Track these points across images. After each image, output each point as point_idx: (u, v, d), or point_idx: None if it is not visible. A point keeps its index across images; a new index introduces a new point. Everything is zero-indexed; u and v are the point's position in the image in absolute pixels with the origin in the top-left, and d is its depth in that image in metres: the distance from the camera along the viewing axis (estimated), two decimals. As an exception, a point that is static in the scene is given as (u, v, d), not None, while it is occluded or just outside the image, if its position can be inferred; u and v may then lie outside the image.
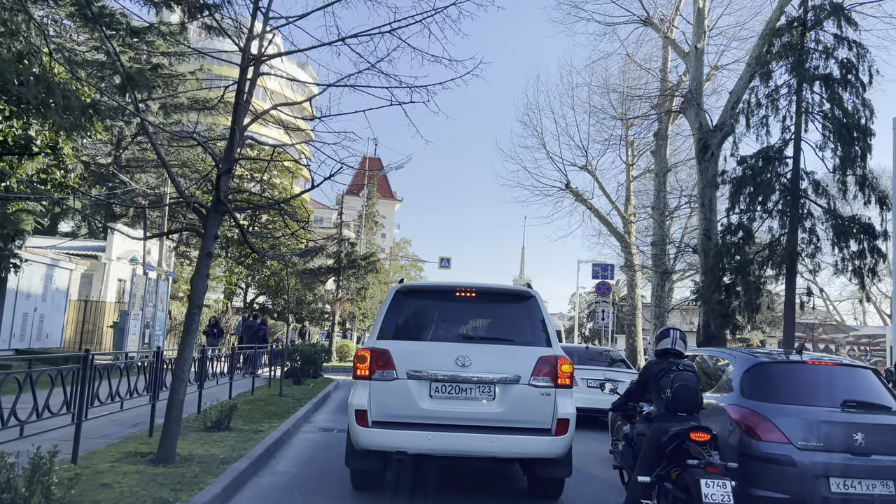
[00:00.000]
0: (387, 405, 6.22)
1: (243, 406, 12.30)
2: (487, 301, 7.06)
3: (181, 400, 6.87)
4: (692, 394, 5.38)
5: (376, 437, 6.17)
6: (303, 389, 16.26)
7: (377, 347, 6.39)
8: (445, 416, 6.17)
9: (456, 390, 6.23)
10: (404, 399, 6.21)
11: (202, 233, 7.14)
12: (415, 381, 6.23)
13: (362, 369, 6.33)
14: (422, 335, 6.75)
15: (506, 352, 6.46)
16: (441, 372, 6.22)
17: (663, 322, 25.78)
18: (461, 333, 6.87)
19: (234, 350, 12.80)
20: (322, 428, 11.14)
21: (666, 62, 25.37)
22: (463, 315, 7.07)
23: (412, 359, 6.30)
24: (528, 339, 6.58)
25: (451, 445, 6.14)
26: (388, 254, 70.61)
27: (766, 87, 17.54)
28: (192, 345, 6.95)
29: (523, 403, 6.19)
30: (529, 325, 6.70)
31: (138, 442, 7.96)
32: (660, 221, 25.46)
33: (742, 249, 17.25)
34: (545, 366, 6.26)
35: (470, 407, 6.21)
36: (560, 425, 6.17)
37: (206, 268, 7.07)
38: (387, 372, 6.27)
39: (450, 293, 7.03)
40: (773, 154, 16.66)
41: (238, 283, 40.24)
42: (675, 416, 5.34)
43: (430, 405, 6.19)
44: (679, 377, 5.43)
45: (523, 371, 6.25)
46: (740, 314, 17.95)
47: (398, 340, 6.53)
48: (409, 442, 6.14)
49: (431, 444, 6.11)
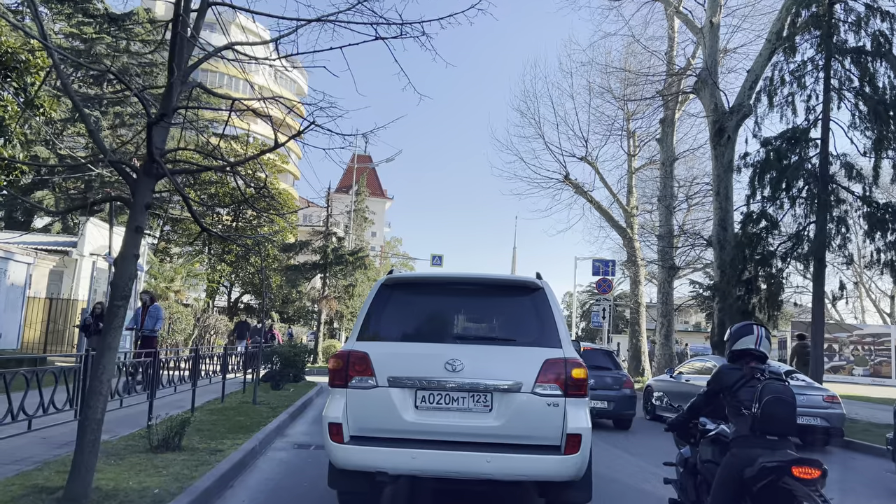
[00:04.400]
0: (365, 418, 5.26)
1: (207, 417, 10.63)
2: (486, 295, 6.02)
3: (98, 420, 5.22)
4: (788, 411, 4.04)
5: (353, 455, 5.16)
6: (280, 395, 14.59)
7: (355, 350, 5.40)
8: (433, 431, 5.16)
9: (445, 400, 5.22)
10: (385, 410, 5.22)
11: (131, 202, 5.49)
12: (397, 390, 5.24)
13: (337, 376, 5.37)
14: (407, 335, 5.65)
15: (505, 354, 5.42)
16: (428, 378, 5.20)
17: (670, 321, 24.30)
18: (453, 333, 5.89)
19: (197, 351, 11.10)
20: (297, 444, 9.48)
21: (673, 44, 23.88)
22: (457, 311, 6.10)
23: (394, 363, 5.30)
24: (534, 339, 5.47)
25: (439, 465, 5.07)
26: (379, 252, 68.96)
27: (791, 62, 16.04)
28: (115, 347, 5.31)
29: (525, 415, 5.14)
30: (536, 321, 5.59)
31: (55, 469, 6.28)
32: (666, 213, 23.93)
33: (765, 240, 15.74)
34: (553, 370, 5.19)
35: (462, 420, 5.19)
36: (570, 442, 5.04)
37: (135, 247, 5.42)
38: (365, 379, 5.29)
39: (443, 286, 6.09)
40: (800, 135, 15.14)
41: (221, 282, 38.48)
42: (762, 439, 4.03)
43: (414, 417, 5.20)
44: (769, 388, 4.08)
45: (525, 377, 5.19)
46: (760, 311, 16.44)
47: (380, 342, 5.53)
48: (391, 461, 5.10)
49: (416, 463, 5.05)
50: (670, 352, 23.80)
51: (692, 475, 4.94)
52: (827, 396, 11.72)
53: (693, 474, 4.94)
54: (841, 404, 11.79)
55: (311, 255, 31.43)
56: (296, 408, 12.66)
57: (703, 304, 45.35)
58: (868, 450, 11.64)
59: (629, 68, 24.60)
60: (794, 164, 15.02)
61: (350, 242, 39.02)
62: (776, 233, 15.65)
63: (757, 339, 4.46)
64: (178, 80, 5.63)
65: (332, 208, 33.72)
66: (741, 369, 4.38)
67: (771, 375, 4.26)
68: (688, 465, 5.04)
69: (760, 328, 4.54)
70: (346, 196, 51.85)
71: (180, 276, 31.07)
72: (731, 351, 4.55)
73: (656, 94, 22.66)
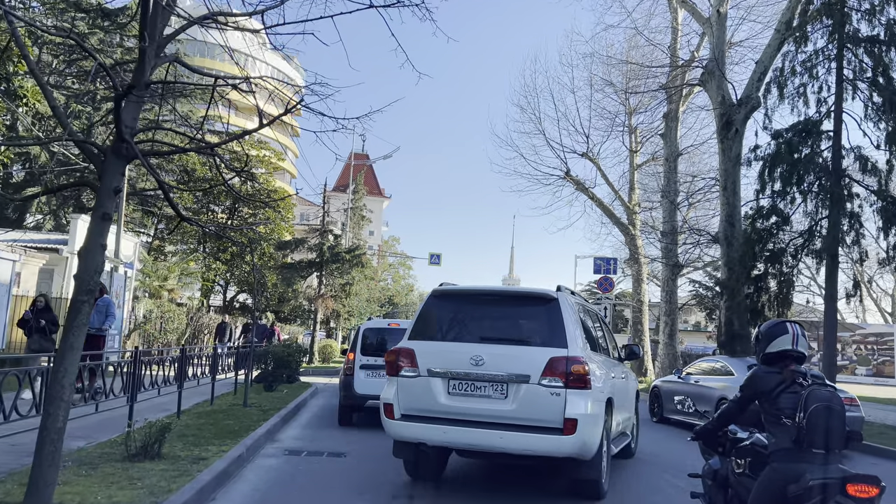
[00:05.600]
0: (410, 400, 6.72)
1: (193, 421, 10.07)
2: (509, 304, 7.35)
3: (59, 428, 4.65)
4: (837, 421, 3.62)
5: (401, 429, 6.72)
6: (273, 397, 14.03)
7: (404, 347, 6.94)
8: (460, 412, 6.49)
9: (471, 388, 6.54)
10: (425, 395, 6.65)
11: (97, 186, 4.93)
12: (434, 379, 6.65)
13: (391, 367, 6.90)
14: (444, 335, 7.05)
15: (519, 352, 6.60)
16: (456, 370, 6.57)
17: (674, 320, 23.78)
18: (479, 334, 6.93)
19: (183, 351, 10.52)
20: (288, 450, 8.92)
21: (676, 36, 23.34)
22: (484, 317, 7.18)
23: (433, 357, 6.73)
24: (543, 341, 6.61)
25: (465, 439, 6.48)
26: (377, 251, 68.36)
27: (802, 52, 15.50)
28: (78, 347, 4.74)
29: (533, 402, 6.30)
30: (547, 326, 6.71)
31: (19, 482, 5.70)
32: (670, 210, 23.39)
33: (775, 236, 15.21)
34: (556, 366, 6.30)
35: (483, 404, 6.47)
36: (568, 425, 6.14)
37: (101, 236, 4.86)
38: (411, 369, 6.76)
39: (476, 296, 7.45)
40: (811, 127, 14.61)
41: (216, 280, 37.87)
42: (808, 453, 3.60)
43: (447, 401, 6.57)
44: (816, 395, 3.65)
45: (533, 371, 6.35)
46: (770, 309, 15.91)
47: (423, 340, 6.96)
48: (427, 434, 6.58)
49: (446, 437, 6.51)
50: (674, 351, 23.28)
51: (723, 489, 4.49)
52: (845, 398, 11.18)
53: (724, 488, 4.48)
54: (860, 407, 11.28)
55: (307, 252, 30.85)
56: (288, 410, 12.10)
57: (704, 303, 44.86)
58: (886, 454, 11.14)
59: (632, 61, 24.04)
60: (806, 157, 14.49)
61: (347, 240, 38.45)
62: (787, 228, 15.12)
63: (794, 338, 4.02)
64: (151, 50, 5.07)
65: (328, 206, 33.14)
66: (780, 373, 3.93)
67: (814, 380, 3.82)
68: (717, 477, 4.56)
69: (795, 325, 4.11)
70: (344, 195, 51.28)
71: (174, 275, 30.47)
72: (766, 354, 4.10)
73: (660, 88, 22.11)
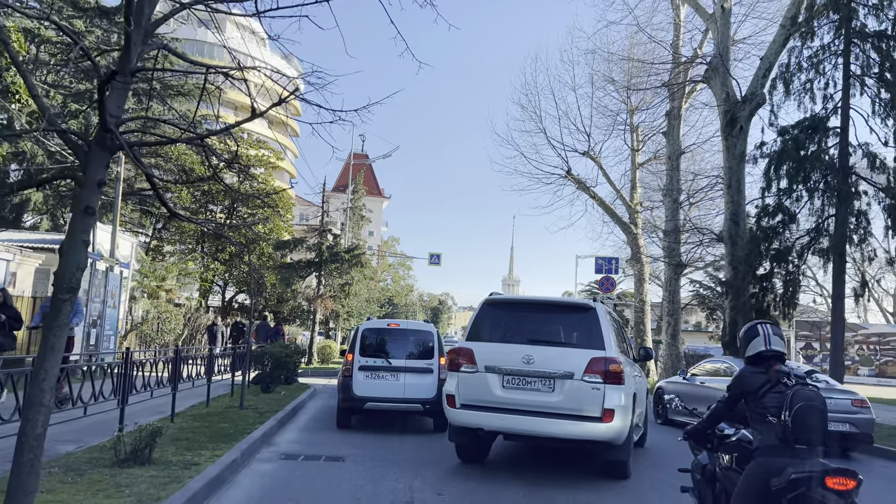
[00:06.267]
0: (469, 392, 7.81)
1: (188, 424, 9.81)
2: (554, 311, 8.58)
3: (39, 435, 4.39)
4: (820, 419, 3.85)
5: (462, 417, 7.86)
6: (271, 399, 13.76)
7: (463, 347, 8.05)
8: (514, 403, 7.56)
9: (522, 382, 7.59)
10: (482, 388, 7.73)
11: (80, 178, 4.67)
12: (491, 374, 7.70)
13: (452, 364, 8.02)
14: (498, 337, 8.10)
15: (564, 353, 7.70)
16: (510, 367, 7.61)
17: (676, 320, 23.52)
18: (528, 337, 7.94)
19: (177, 352, 10.23)
20: (284, 454, 8.66)
21: (679, 33, 23.07)
22: (533, 322, 8.24)
23: (489, 356, 7.77)
24: (585, 343, 7.73)
25: (518, 426, 7.58)
26: (377, 251, 68.10)
27: (808, 48, 15.24)
28: (59, 349, 4.49)
29: (577, 395, 7.33)
30: (587, 331, 7.83)
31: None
32: (673, 209, 23.12)
33: (781, 235, 14.96)
34: (596, 365, 7.37)
35: (533, 396, 7.52)
36: (607, 414, 7.25)
37: (84, 231, 4.61)
38: (470, 366, 7.84)
39: (524, 305, 8.85)
40: (818, 123, 14.35)
41: (215, 281, 37.56)
42: (790, 448, 3.84)
43: (501, 393, 7.65)
44: (800, 395, 3.87)
45: (577, 368, 7.41)
46: (775, 309, 15.66)
47: (480, 342, 8.02)
48: (485, 421, 7.69)
49: (502, 423, 7.63)
50: (677, 352, 23.01)
51: (711, 483, 4.68)
52: (855, 400, 10.93)
53: (712, 482, 4.67)
54: (870, 408, 11.01)
55: (305, 252, 30.55)
56: (286, 413, 11.83)
57: (705, 303, 44.58)
58: (897, 456, 10.89)
59: (634, 58, 23.78)
60: (813, 154, 14.24)
61: (346, 240, 38.16)
62: (793, 227, 14.86)
63: (765, 338, 4.24)
64: (137, 36, 4.81)
65: (328, 205, 32.87)
66: (766, 373, 4.12)
67: (798, 380, 4.00)
68: (706, 472, 4.76)
69: (766, 326, 4.33)
70: (343, 195, 51.02)
71: (172, 275, 30.19)
72: (746, 357, 4.35)
73: (663, 85, 21.85)
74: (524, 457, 9.24)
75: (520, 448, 9.63)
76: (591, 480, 7.84)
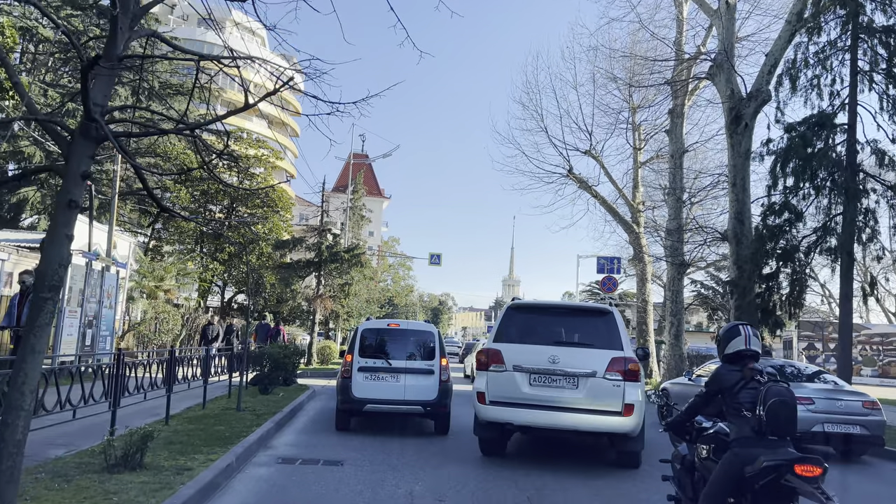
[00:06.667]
0: (498, 389, 8.36)
1: (182, 427, 9.58)
2: (575, 315, 9.34)
3: (18, 441, 4.14)
4: (791, 413, 4.21)
5: (491, 412, 8.41)
6: (269, 400, 13.51)
7: (492, 348, 8.59)
8: (540, 399, 8.15)
9: (548, 380, 8.19)
10: (511, 385, 8.30)
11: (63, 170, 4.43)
12: (518, 373, 8.29)
13: (482, 363, 8.59)
14: (525, 339, 8.60)
15: (586, 353, 8.31)
16: (537, 367, 8.20)
17: (679, 320, 23.26)
18: (553, 339, 8.64)
19: (172, 353, 9.96)
20: (281, 458, 8.41)
21: (681, 29, 22.82)
22: (556, 325, 8.96)
23: (517, 356, 8.35)
24: (604, 344, 8.37)
25: (546, 420, 8.14)
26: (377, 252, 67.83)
27: (814, 43, 15.00)
28: (41, 350, 4.24)
29: (599, 392, 7.91)
30: (606, 333, 8.50)
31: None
32: (676, 207, 22.87)
33: (788, 233, 14.71)
34: (616, 364, 8.03)
35: (558, 393, 8.12)
36: (626, 408, 7.90)
37: (66, 225, 4.36)
38: (499, 365, 8.40)
39: (547, 309, 9.61)
40: (825, 120, 14.11)
41: (214, 281, 37.28)
42: (763, 440, 4.19)
43: (529, 390, 8.23)
44: (773, 391, 4.22)
45: (599, 367, 8.06)
46: (781, 309, 15.42)
47: (507, 343, 8.57)
48: (514, 416, 8.27)
49: (529, 418, 8.20)
50: (680, 353, 22.74)
51: (689, 472, 5.02)
52: (866, 402, 10.67)
53: (690, 471, 5.01)
54: (881, 410, 10.75)
55: (305, 252, 30.27)
56: (284, 415, 11.59)
57: (707, 303, 44.33)
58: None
59: (637, 55, 23.53)
60: (820, 152, 13.99)
61: (346, 240, 37.90)
62: (800, 225, 14.61)
63: (746, 338, 4.58)
64: (124, 20, 4.58)
65: (327, 204, 32.61)
66: (741, 371, 4.46)
67: (770, 378, 4.38)
68: (685, 462, 5.11)
69: (746, 327, 4.68)
70: (343, 195, 50.76)
71: (170, 275, 29.94)
72: (725, 354, 4.68)
73: (666, 82, 21.59)
74: (526, 463, 8.99)
75: (521, 454, 9.48)
76: (592, 485, 7.70)
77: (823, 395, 10.60)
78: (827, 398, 10.55)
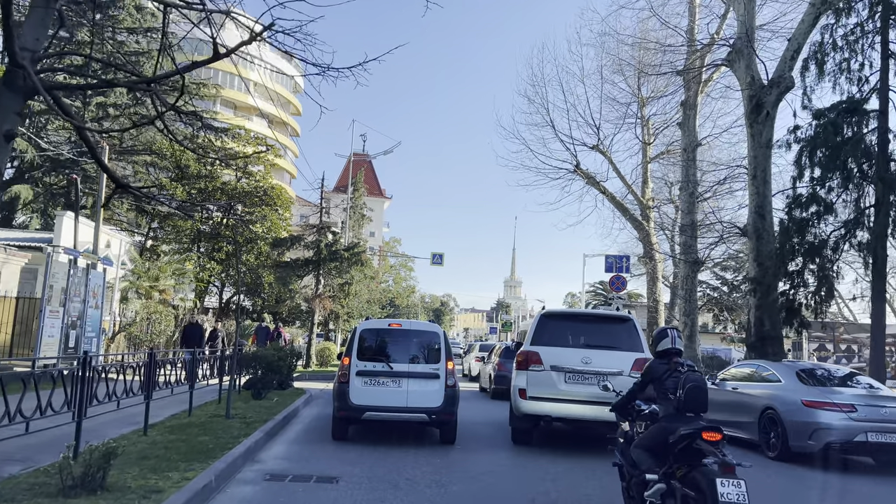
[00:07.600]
0: (537, 386, 9.72)
1: (162, 437, 8.68)
2: (601, 322, 10.91)
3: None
4: (703, 395, 5.30)
5: (532, 406, 9.76)
6: (261, 406, 12.62)
7: (531, 350, 9.96)
8: (574, 395, 9.55)
9: (581, 379, 9.56)
10: (548, 383, 9.68)
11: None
12: (554, 372, 9.67)
13: (522, 364, 9.97)
14: (560, 342, 9.99)
15: (613, 355, 9.72)
16: (571, 367, 9.61)
17: (693, 320, 22.38)
18: (584, 342, 9.98)
19: (152, 356, 9.04)
20: (270, 473, 7.50)
21: (694, 18, 21.94)
22: (584, 331, 10.28)
23: (553, 357, 9.76)
24: (629, 347, 9.86)
25: (577, 412, 9.59)
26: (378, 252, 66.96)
27: (842, 25, 14.09)
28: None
29: (624, 388, 7.66)
30: (628, 338, 10.01)
31: None
32: (689, 203, 21.95)
33: (815, 227, 13.80)
34: (639, 364, 9.01)
35: (590, 389, 9.25)
36: None
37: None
38: (537, 365, 9.78)
39: (577, 317, 11.58)
40: (857, 105, 13.20)
41: (211, 281, 36.41)
42: (683, 416, 5.22)
43: (564, 387, 9.63)
44: (689, 378, 5.30)
45: (625, 367, 9.45)
46: (807, 307, 14.51)
47: (544, 346, 9.93)
48: (551, 409, 9.67)
49: (564, 411, 9.63)
50: (694, 354, 21.80)
51: (629, 444, 5.86)
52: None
53: (630, 443, 5.84)
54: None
55: (303, 250, 29.38)
56: (276, 422, 10.68)
57: (720, 303, 43.39)
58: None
59: (646, 44, 22.64)
60: (851, 140, 13.08)
61: (346, 239, 37.00)
62: (829, 218, 13.69)
63: (672, 339, 5.69)
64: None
65: (327, 202, 31.73)
66: (667, 363, 5.53)
67: (688, 368, 5.44)
68: (627, 437, 6.08)
69: (673, 330, 5.82)
70: (343, 195, 49.86)
71: (165, 275, 29.06)
72: (657, 351, 5.76)
73: (678, 72, 20.68)
74: (529, 476, 8.11)
75: (526, 470, 8.63)
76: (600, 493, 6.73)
77: (865, 402, 9.72)
78: (869, 405, 9.67)
